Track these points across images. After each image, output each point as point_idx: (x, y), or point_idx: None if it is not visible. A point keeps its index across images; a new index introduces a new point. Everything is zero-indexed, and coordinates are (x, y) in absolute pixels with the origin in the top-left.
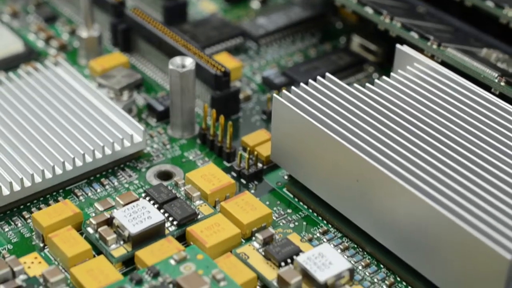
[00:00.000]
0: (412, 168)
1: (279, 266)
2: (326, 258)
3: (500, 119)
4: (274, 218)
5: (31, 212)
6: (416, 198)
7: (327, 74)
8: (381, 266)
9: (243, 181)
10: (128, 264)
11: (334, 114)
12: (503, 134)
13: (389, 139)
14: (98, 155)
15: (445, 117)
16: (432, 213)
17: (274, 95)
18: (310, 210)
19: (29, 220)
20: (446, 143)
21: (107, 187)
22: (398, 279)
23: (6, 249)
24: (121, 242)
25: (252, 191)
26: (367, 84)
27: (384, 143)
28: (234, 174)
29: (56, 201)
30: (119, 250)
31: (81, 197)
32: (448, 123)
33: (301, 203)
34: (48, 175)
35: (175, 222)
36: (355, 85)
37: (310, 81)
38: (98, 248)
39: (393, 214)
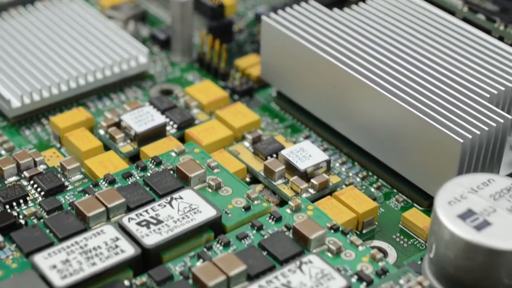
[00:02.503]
0: (382, 74)
1: (266, 159)
2: (307, 151)
3: (457, 39)
4: (262, 126)
5: (49, 119)
6: (385, 98)
7: (310, 0)
8: (356, 163)
9: (236, 97)
10: (134, 160)
11: (316, 32)
12: (456, 51)
13: (362, 51)
14: (108, 72)
15: (412, 36)
16: (398, 110)
17: (263, 17)
18: (295, 120)
19: (46, 126)
20: (411, 55)
21: (115, 101)
22: (370, 173)
23: (28, 149)
24: (128, 141)
25: (244, 105)
26: (345, 9)
27: (357, 54)
28: (228, 91)
29: None
30: (127, 147)
31: (92, 109)
32: (414, 39)
33: (287, 114)
34: (64, 88)
35: (175, 126)
36: (335, 9)
37: (295, 5)
38: (108, 147)
39: (366, 116)
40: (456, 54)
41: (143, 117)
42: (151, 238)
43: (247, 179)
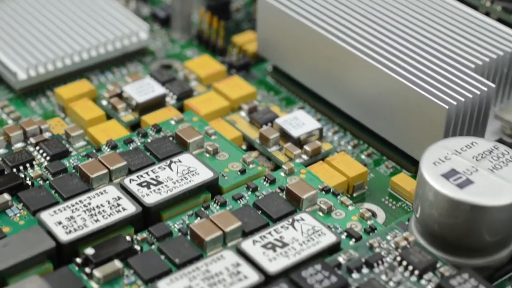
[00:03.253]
0: (372, 46)
1: (261, 127)
2: (300, 120)
3: (445, 14)
4: (258, 98)
5: (53, 91)
6: (375, 69)
7: None
8: (347, 133)
9: (233, 71)
10: (135, 129)
11: (309, 7)
12: (443, 25)
13: (352, 24)
14: (110, 47)
15: (402, 11)
16: (387, 80)
17: None
18: (290, 93)
19: (51, 98)
20: (401, 29)
21: (117, 74)
22: (361, 142)
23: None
24: (130, 110)
25: (241, 78)
26: None
27: (347, 27)
28: (226, 66)
29: None
30: (128, 117)
31: (95, 82)
32: (404, 14)
33: (282, 87)
34: (68, 62)
35: (174, 97)
36: None
37: None
38: (110, 117)
39: (357, 86)
40: (443, 27)
41: (144, 88)
42: (151, 197)
43: (243, 147)
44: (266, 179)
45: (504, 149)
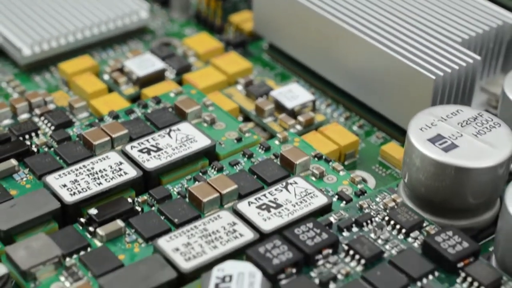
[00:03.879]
0: (363, 22)
1: (256, 99)
2: (294, 92)
3: None
4: (254, 73)
5: (57, 66)
6: (366, 43)
7: None
8: (340, 105)
9: (230, 48)
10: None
11: None
12: (431, 1)
13: (344, 1)
14: (111, 26)
15: None
16: (378, 53)
17: None
18: (285, 69)
19: (55, 73)
20: (391, 5)
21: (118, 51)
22: (353, 114)
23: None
24: (131, 84)
25: (237, 54)
26: None
27: (340, 4)
28: (223, 43)
29: None
30: (129, 90)
31: (97, 58)
32: None
33: (277, 64)
34: (71, 39)
35: (173, 71)
36: None
37: None
38: (112, 90)
39: (349, 61)
40: (432, 4)
41: (144, 63)
42: (151, 162)
43: (240, 119)
44: (261, 147)
45: (488, 116)
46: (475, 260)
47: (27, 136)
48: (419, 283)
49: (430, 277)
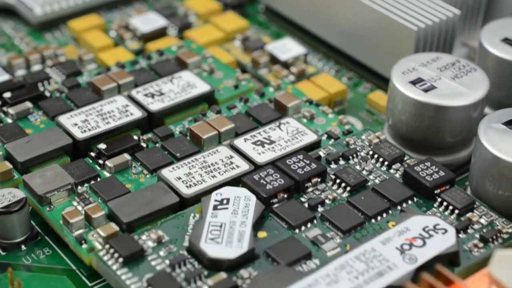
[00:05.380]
0: None
1: (252, 52)
2: (288, 47)
3: None
4: (250, 32)
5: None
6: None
7: None
8: (331, 60)
9: (228, 9)
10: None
11: None
12: None
13: None
14: None
15: None
16: (365, 9)
17: None
18: (280, 29)
19: (65, 32)
20: None
21: (123, 12)
22: (343, 67)
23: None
24: (136, 40)
25: (235, 14)
26: None
27: None
28: (222, 5)
29: None
30: (134, 45)
31: (104, 17)
32: None
33: (273, 24)
34: (80, 0)
35: (176, 28)
36: None
37: None
38: (118, 45)
39: (339, 18)
40: None
41: (148, 20)
42: (155, 105)
43: (237, 71)
44: (257, 93)
45: (465, 62)
46: (450, 188)
47: (40, 84)
48: (399, 207)
49: (410, 202)
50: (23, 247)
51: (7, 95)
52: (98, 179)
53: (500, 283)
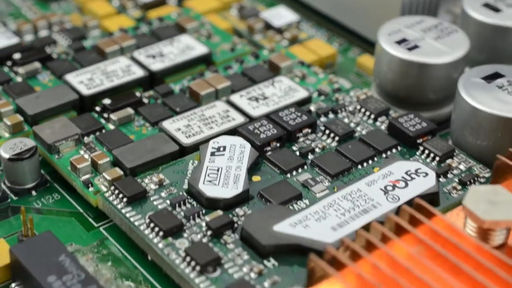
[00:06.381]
0: None
1: (248, 18)
2: (281, 14)
3: None
4: (246, 2)
5: None
6: None
7: None
8: (322, 28)
9: None
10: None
11: None
12: None
13: None
14: None
15: None
16: None
17: None
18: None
19: (70, 1)
20: None
21: None
22: (334, 33)
23: None
24: (137, 8)
25: None
26: None
27: None
28: None
29: None
30: (136, 13)
31: None
32: None
33: None
34: None
35: None
36: None
37: None
38: (120, 13)
39: None
40: None
41: None
42: (156, 65)
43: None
44: (252, 55)
45: (447, 24)
46: (432, 137)
47: (47, 48)
48: (384, 155)
49: (394, 150)
50: (33, 192)
51: (16, 56)
52: (103, 131)
53: (473, 214)
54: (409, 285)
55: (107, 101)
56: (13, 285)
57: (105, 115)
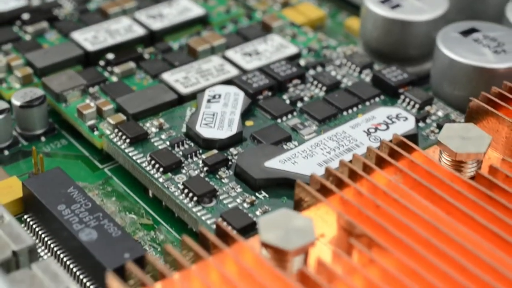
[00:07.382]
0: None
1: None
2: None
3: None
4: None
5: None
6: None
7: None
8: None
9: None
10: None
11: None
12: None
13: None
14: None
15: None
16: None
17: None
18: None
19: None
20: None
21: None
22: (325, 2)
23: None
24: None
25: None
26: None
27: None
28: None
29: None
30: None
31: None
32: None
33: None
34: None
35: None
36: None
37: None
38: None
39: None
40: None
41: None
42: (156, 24)
43: None
44: (246, 16)
45: None
46: (413, 88)
47: (54, 9)
48: (367, 103)
49: (377, 99)
50: (42, 138)
51: (25, 16)
52: (107, 83)
53: (447, 148)
54: (389, 208)
55: (110, 55)
56: (25, 216)
57: (109, 68)
